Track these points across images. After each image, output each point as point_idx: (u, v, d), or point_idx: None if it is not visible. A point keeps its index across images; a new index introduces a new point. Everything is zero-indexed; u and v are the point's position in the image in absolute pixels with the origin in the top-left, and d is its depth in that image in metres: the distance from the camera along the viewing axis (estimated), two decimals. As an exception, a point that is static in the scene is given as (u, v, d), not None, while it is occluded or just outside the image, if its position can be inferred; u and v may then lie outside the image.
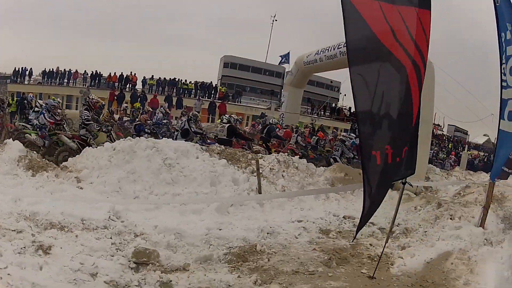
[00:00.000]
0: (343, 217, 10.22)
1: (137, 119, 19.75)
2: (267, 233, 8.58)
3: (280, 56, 51.85)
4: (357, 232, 5.63)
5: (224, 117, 18.51)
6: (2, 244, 6.45)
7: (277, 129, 20.86)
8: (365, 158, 4.81)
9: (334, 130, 30.18)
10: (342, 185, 12.40)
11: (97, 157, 11.70)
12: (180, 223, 8.54)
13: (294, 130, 21.66)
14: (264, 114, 33.02)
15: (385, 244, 6.91)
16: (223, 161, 11.64)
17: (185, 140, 14.91)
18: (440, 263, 7.11)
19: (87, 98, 15.24)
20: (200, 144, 13.58)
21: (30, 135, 14.36)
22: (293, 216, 9.81)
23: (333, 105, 46.00)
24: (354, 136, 21.36)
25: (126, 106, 23.37)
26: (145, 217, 8.83)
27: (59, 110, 15.44)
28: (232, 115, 18.98)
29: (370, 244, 8.26)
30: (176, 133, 17.34)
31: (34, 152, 12.63)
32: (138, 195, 10.34)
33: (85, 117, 14.45)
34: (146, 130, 17.74)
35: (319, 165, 14.44)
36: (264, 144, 19.17)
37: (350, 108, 44.41)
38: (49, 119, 14.25)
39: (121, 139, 13.38)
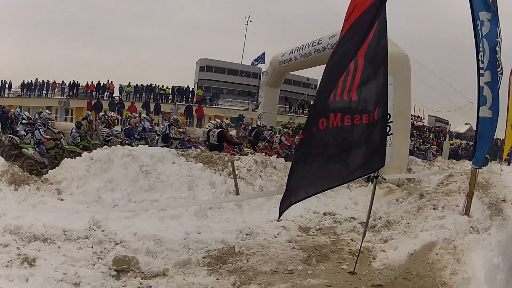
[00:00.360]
0: (323, 213, 10.31)
1: (126, 124, 19.71)
2: (246, 234, 8.66)
3: (255, 59, 52.02)
4: (280, 212, 5.14)
5: (216, 121, 18.60)
6: (-12, 258, 6.48)
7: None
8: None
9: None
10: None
11: (75, 167, 11.75)
12: (159, 229, 8.61)
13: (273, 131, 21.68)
14: (241, 115, 33.06)
15: (363, 237, 6.88)
16: (200, 165, 11.70)
17: (165, 145, 15.10)
18: (424, 254, 7.12)
19: (106, 116, 15.83)
20: (179, 148, 13.75)
21: (28, 149, 14.55)
22: (272, 216, 9.83)
23: (311, 102, 46.20)
24: None
25: (103, 115, 23.37)
26: (125, 225, 8.89)
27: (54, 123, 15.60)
28: (224, 120, 19.28)
29: (351, 239, 8.35)
30: (157, 137, 17.43)
31: (16, 166, 12.55)
32: (117, 203, 10.40)
33: (106, 133, 15.23)
34: (135, 135, 17.72)
35: None
36: (252, 147, 19.24)
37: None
38: (45, 135, 14.51)
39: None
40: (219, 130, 17.29)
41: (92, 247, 7.83)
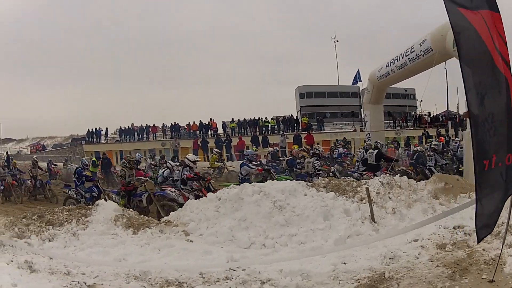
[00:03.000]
0: (453, 227, 10.06)
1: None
2: (389, 258, 8.45)
3: (354, 79, 51.74)
4: (478, 239, 5.73)
5: (372, 143, 19.36)
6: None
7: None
8: (476, 164, 4.97)
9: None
10: (445, 196, 12.19)
11: (202, 208, 11.74)
12: (303, 263, 8.37)
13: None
14: (345, 138, 32.77)
15: (502, 245, 6.98)
16: (331, 194, 11.53)
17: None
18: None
19: (186, 161, 15.73)
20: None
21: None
22: (408, 237, 9.60)
23: (413, 113, 45.39)
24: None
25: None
26: (265, 262, 8.70)
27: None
28: (377, 141, 19.80)
29: (483, 249, 8.07)
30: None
31: (131, 210, 12.71)
32: (253, 241, 10.28)
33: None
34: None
35: (417, 179, 14.41)
36: (414, 170, 19.46)
37: (429, 113, 43.66)
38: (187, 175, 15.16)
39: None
40: (377, 150, 18.06)
41: (236, 288, 7.66)
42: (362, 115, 40.36)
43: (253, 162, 17.22)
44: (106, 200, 14.66)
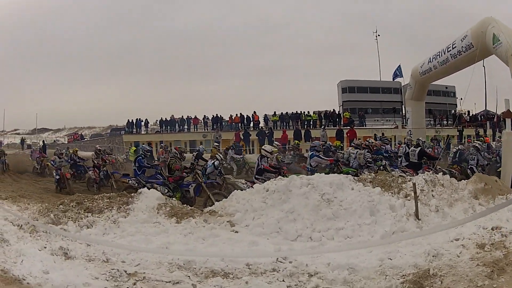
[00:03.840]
0: (491, 228, 10.22)
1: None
2: (433, 256, 8.59)
3: (394, 74, 51.04)
4: None
5: (413, 140, 19.96)
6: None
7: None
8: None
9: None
10: (484, 196, 12.28)
11: (249, 199, 11.82)
12: (350, 257, 8.46)
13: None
14: (383, 134, 32.44)
15: None
16: (378, 189, 11.58)
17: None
18: None
19: (263, 151, 15.92)
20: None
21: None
22: (450, 235, 9.75)
23: (453, 111, 44.87)
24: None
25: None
26: (313, 255, 8.69)
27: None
28: (419, 139, 20.39)
29: None
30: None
31: (174, 199, 12.94)
32: (300, 233, 10.34)
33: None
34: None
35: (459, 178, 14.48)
36: (459, 168, 19.45)
37: (468, 112, 43.17)
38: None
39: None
40: (419, 148, 18.12)
41: (283, 280, 7.77)
42: (403, 112, 39.72)
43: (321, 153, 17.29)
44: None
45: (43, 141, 45.54)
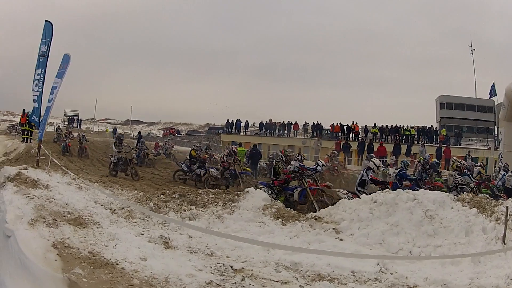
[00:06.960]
0: None
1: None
2: (511, 279, 8.47)
3: (490, 92, 49.86)
4: None
5: (502, 163, 19.10)
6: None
7: None
8: None
9: None
10: None
11: (356, 209, 11.87)
12: (445, 274, 8.50)
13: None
14: (468, 155, 30.73)
15: None
16: (474, 210, 11.15)
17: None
18: None
19: (371, 164, 16.03)
20: None
21: None
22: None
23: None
24: None
25: None
26: (411, 269, 8.78)
27: None
28: (507, 163, 19.41)
29: None
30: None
31: (278, 201, 13.21)
32: (402, 247, 10.29)
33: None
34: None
35: None
36: None
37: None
38: None
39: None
40: None
41: (385, 290, 7.80)
42: (495, 132, 39.28)
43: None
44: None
45: (139, 132, 48.61)
